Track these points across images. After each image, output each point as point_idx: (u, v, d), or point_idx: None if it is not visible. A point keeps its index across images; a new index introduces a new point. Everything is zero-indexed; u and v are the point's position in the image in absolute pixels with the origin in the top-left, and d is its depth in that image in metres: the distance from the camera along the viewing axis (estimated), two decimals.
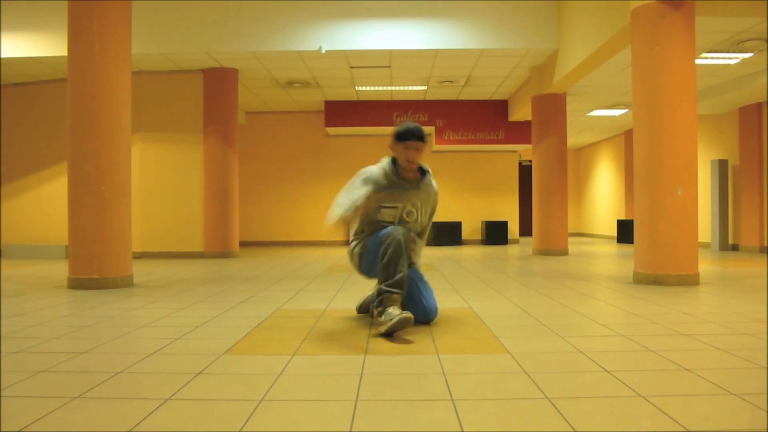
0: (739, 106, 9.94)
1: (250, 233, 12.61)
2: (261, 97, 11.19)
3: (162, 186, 9.13)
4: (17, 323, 3.32)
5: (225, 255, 8.88)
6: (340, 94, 11.08)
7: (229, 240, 8.98)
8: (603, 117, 12.20)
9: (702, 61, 7.72)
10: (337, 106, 11.74)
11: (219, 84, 8.98)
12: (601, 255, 9.18)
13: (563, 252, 9.05)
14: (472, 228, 12.97)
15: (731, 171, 10.48)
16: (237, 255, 9.08)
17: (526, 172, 15.66)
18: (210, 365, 2.37)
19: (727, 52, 7.39)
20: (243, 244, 12.17)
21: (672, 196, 5.04)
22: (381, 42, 7.97)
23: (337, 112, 11.75)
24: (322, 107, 12.17)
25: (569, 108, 10.56)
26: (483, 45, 7.98)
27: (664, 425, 1.68)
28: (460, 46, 7.97)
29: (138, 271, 6.34)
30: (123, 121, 5.18)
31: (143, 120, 8.98)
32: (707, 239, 10.90)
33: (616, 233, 13.90)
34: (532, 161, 9.84)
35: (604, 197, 15.75)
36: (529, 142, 11.67)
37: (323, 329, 3.13)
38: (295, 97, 11.26)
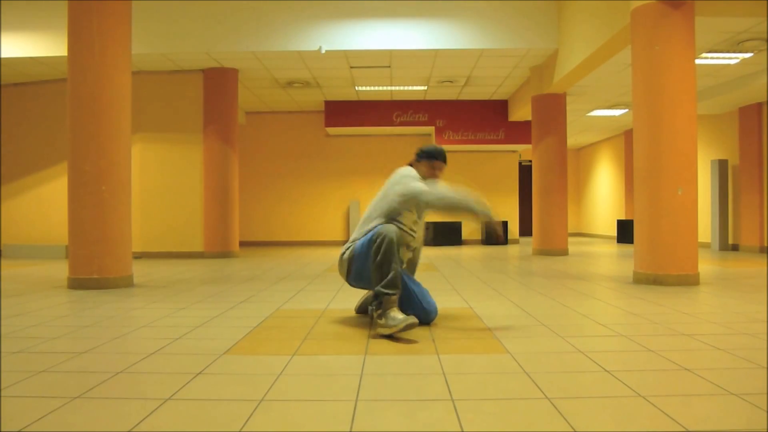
0: (739, 106, 9.94)
1: (250, 233, 12.61)
2: (261, 97, 11.19)
3: (162, 186, 9.13)
4: (17, 323, 3.32)
5: (225, 255, 8.88)
6: (340, 94, 11.08)
7: (229, 240, 8.98)
8: (603, 117, 12.20)
9: (702, 61, 7.72)
10: (337, 106, 11.74)
11: (219, 84, 8.98)
12: (601, 255, 9.18)
13: (563, 252, 9.05)
14: (472, 228, 12.97)
15: (731, 171, 10.48)
16: (237, 255, 9.08)
17: (526, 172, 15.67)
18: (210, 365, 2.37)
19: (727, 52, 7.39)
20: (243, 244, 12.18)
21: (672, 196, 5.04)
22: (381, 42, 7.97)
23: (337, 112, 11.75)
24: (322, 107, 12.17)
25: (569, 108, 10.57)
26: (483, 45, 7.98)
27: (664, 425, 1.68)
28: (460, 46, 7.97)
29: (138, 271, 6.34)
30: (123, 121, 5.18)
31: (143, 120, 8.99)
32: (707, 239, 10.90)
33: (616, 233, 13.91)
34: (532, 161, 9.84)
35: (604, 197, 15.75)
36: (529, 142, 11.67)
37: (323, 329, 3.12)
38: (295, 97, 11.26)
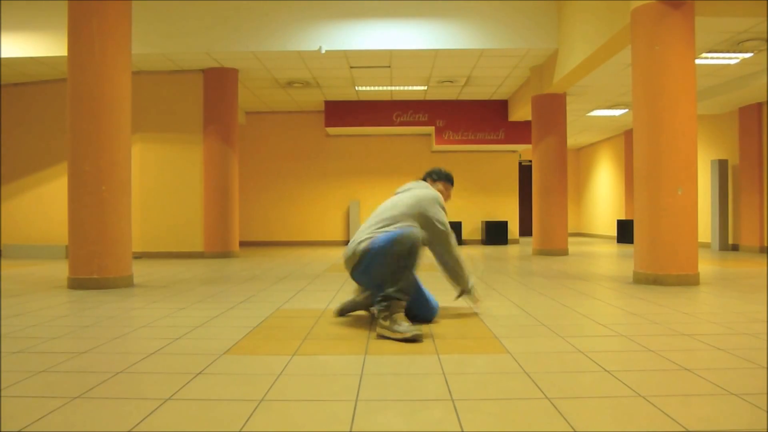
0: (739, 106, 9.94)
1: (250, 233, 12.61)
2: (261, 97, 11.19)
3: (162, 186, 9.13)
4: (17, 323, 3.32)
5: (225, 255, 8.88)
6: (340, 94, 11.08)
7: (229, 240, 8.98)
8: (603, 117, 12.20)
9: (702, 61, 7.72)
10: (337, 106, 11.74)
11: (219, 84, 8.98)
12: (601, 255, 9.18)
13: (563, 252, 9.05)
14: (472, 228, 12.97)
15: (731, 171, 10.48)
16: (237, 255, 9.08)
17: (526, 172, 15.66)
18: (210, 365, 2.37)
19: (727, 52, 7.38)
20: (243, 244, 12.18)
21: (672, 196, 5.04)
22: (381, 42, 7.97)
23: (337, 112, 11.75)
24: (322, 107, 12.17)
25: (569, 108, 10.56)
26: (483, 45, 7.98)
27: (664, 425, 1.68)
28: (460, 46, 7.97)
29: (138, 271, 6.34)
30: (123, 121, 5.18)
31: (143, 120, 8.99)
32: (707, 239, 10.90)
33: (616, 233, 13.90)
34: (532, 161, 9.84)
35: (604, 197, 15.75)
36: (529, 142, 11.67)
37: (323, 329, 3.12)
38: (295, 97, 11.26)
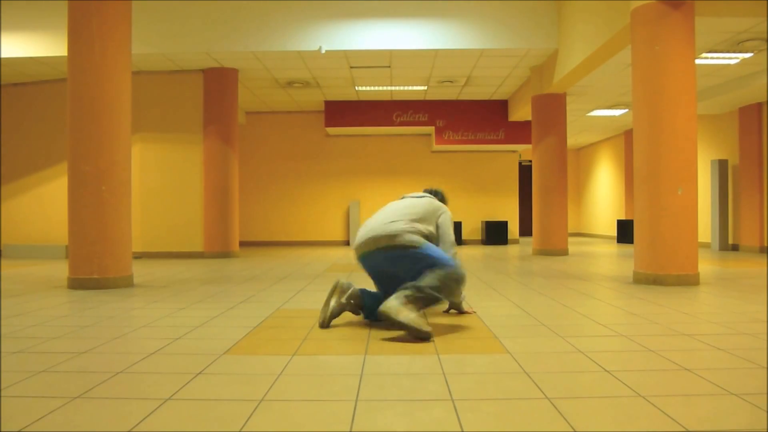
0: (739, 106, 9.94)
1: (250, 233, 12.61)
2: (261, 97, 11.19)
3: (162, 186, 9.13)
4: (17, 323, 3.32)
5: (225, 255, 8.88)
6: (340, 94, 11.08)
7: (229, 240, 8.98)
8: (603, 117, 12.20)
9: (702, 61, 7.72)
10: (337, 106, 11.74)
11: (219, 84, 8.98)
12: (601, 255, 9.18)
13: (563, 252, 9.05)
14: (472, 228, 12.97)
15: (731, 171, 10.48)
16: (237, 255, 9.08)
17: (526, 172, 15.67)
18: (210, 365, 2.37)
19: (727, 52, 7.38)
20: (243, 244, 12.19)
21: (672, 196, 5.04)
22: (381, 42, 7.97)
23: (337, 112, 11.75)
24: (322, 107, 12.17)
25: (569, 108, 10.57)
26: (483, 45, 7.98)
27: (664, 425, 1.68)
28: (460, 46, 7.97)
29: (138, 271, 6.34)
30: (123, 121, 5.18)
31: (143, 120, 8.99)
32: (707, 239, 10.90)
33: (616, 233, 13.91)
34: (532, 161, 9.84)
35: (604, 197, 15.75)
36: (529, 142, 11.67)
37: (323, 329, 3.12)
38: (295, 97, 11.26)
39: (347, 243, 12.65)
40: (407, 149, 12.88)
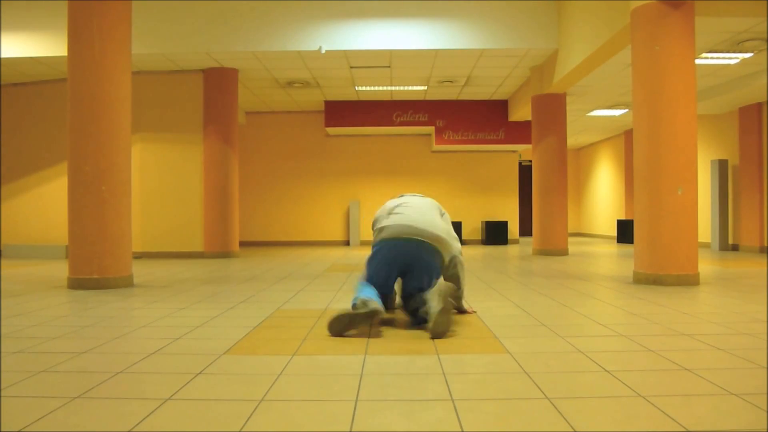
0: (739, 106, 9.94)
1: (250, 233, 12.61)
2: (261, 97, 11.19)
3: (162, 186, 9.13)
4: (17, 323, 3.32)
5: (225, 255, 8.88)
6: (340, 94, 11.08)
7: (229, 240, 8.98)
8: (603, 117, 12.20)
9: (702, 61, 7.72)
10: (337, 106, 11.74)
11: (219, 84, 8.98)
12: (601, 255, 9.18)
13: (563, 252, 9.05)
14: (472, 228, 12.97)
15: (731, 171, 10.48)
16: (237, 255, 9.08)
17: (526, 172, 15.67)
18: (210, 365, 2.37)
19: (727, 52, 7.39)
20: (243, 244, 12.18)
21: (672, 196, 5.04)
22: (381, 42, 7.97)
23: (337, 112, 11.75)
24: (322, 107, 12.17)
25: (569, 108, 10.56)
26: (483, 45, 7.98)
27: (664, 425, 1.68)
28: (460, 46, 7.97)
29: (138, 271, 6.34)
30: (123, 121, 5.18)
31: (143, 120, 8.99)
32: (707, 239, 10.90)
33: (616, 233, 13.91)
34: (532, 161, 9.84)
35: (604, 197, 15.75)
36: (529, 142, 11.67)
37: (323, 329, 3.12)
38: (295, 97, 11.26)
39: (347, 243, 12.65)
40: (407, 149, 12.88)
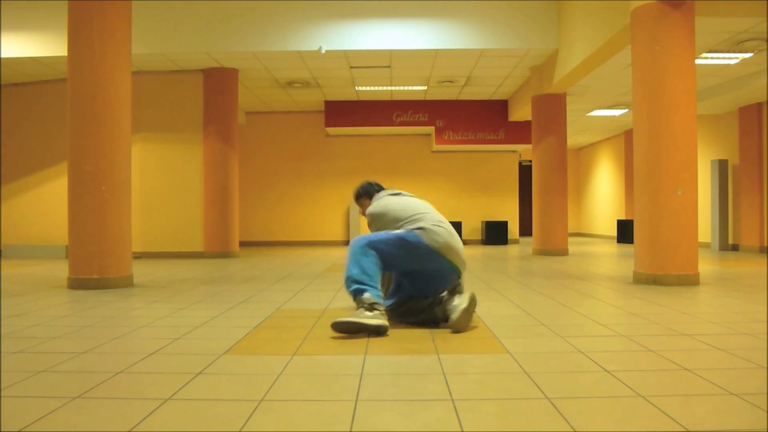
0: (739, 106, 9.94)
1: (250, 233, 12.61)
2: (261, 97, 11.19)
3: (162, 186, 9.13)
4: (17, 323, 3.32)
5: (225, 255, 8.88)
6: (340, 94, 11.09)
7: (229, 240, 8.98)
8: (603, 117, 12.20)
9: (702, 61, 7.72)
10: (337, 106, 11.74)
11: (219, 84, 8.98)
12: (601, 255, 9.18)
13: (563, 252, 9.05)
14: (472, 228, 12.97)
15: (731, 171, 10.48)
16: (237, 255, 9.08)
17: (526, 172, 15.66)
18: (210, 365, 2.37)
19: (727, 52, 7.39)
20: (243, 244, 12.18)
21: (672, 196, 5.04)
22: (381, 42, 7.97)
23: (337, 112, 11.75)
24: (322, 107, 12.17)
25: (569, 108, 10.56)
26: (483, 45, 7.98)
27: (664, 425, 1.68)
28: (460, 46, 7.97)
29: (138, 271, 6.34)
30: (123, 121, 5.18)
31: (143, 120, 8.99)
32: (707, 239, 10.90)
33: (616, 233, 13.90)
34: (532, 161, 9.84)
35: (604, 197, 15.75)
36: (529, 142, 11.67)
37: (323, 329, 3.12)
38: (295, 97, 11.26)
39: (347, 243, 12.65)
40: (407, 149, 12.88)
